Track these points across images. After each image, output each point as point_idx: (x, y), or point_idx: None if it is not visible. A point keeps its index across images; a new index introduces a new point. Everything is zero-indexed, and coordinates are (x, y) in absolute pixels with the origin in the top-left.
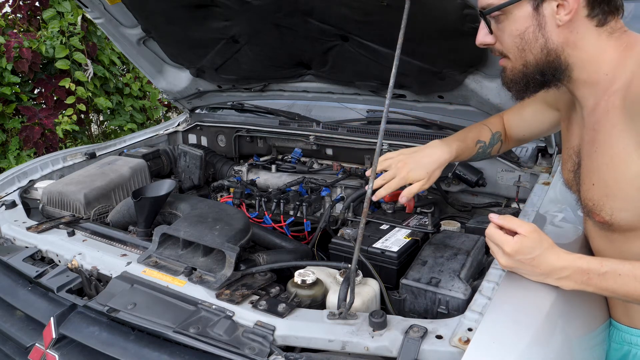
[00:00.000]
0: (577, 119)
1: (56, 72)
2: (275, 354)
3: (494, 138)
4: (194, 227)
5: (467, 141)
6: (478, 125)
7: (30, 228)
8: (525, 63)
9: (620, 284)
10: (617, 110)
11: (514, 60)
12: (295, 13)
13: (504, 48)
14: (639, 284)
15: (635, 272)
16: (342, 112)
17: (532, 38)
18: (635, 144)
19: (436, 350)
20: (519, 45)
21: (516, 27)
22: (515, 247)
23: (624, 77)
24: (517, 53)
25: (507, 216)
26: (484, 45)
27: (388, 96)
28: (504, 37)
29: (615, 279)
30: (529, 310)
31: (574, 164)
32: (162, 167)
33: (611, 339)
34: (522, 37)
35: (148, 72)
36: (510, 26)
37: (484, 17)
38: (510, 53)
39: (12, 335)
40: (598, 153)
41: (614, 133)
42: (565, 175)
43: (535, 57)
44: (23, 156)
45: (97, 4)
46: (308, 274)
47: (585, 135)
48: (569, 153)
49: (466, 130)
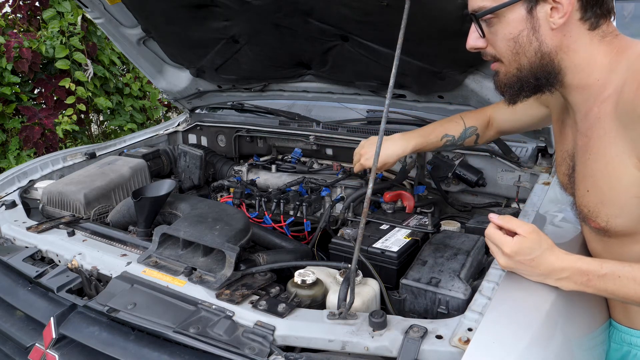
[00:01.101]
0: (570, 122)
1: (56, 72)
2: (275, 354)
3: (465, 132)
4: (194, 227)
5: (430, 136)
6: (453, 119)
7: (30, 228)
8: (519, 67)
9: (619, 286)
10: (609, 117)
11: (507, 64)
12: (295, 13)
13: (496, 52)
14: (638, 286)
15: (635, 275)
16: (342, 112)
17: (526, 41)
18: (629, 152)
19: (436, 350)
20: (512, 49)
21: (510, 31)
22: (514, 247)
23: (615, 82)
24: (510, 57)
25: (507, 216)
26: (475, 49)
27: (388, 96)
28: (497, 41)
29: (615, 280)
30: (529, 310)
31: (569, 167)
32: (162, 167)
33: (611, 339)
34: (515, 40)
35: (148, 72)
36: (503, 30)
37: (476, 20)
38: (503, 57)
39: (12, 335)
40: (591, 160)
41: (606, 140)
42: (561, 178)
43: (529, 61)
44: (23, 156)
45: (97, 4)
46: (308, 274)
47: (578, 140)
48: (563, 156)
49: (437, 124)
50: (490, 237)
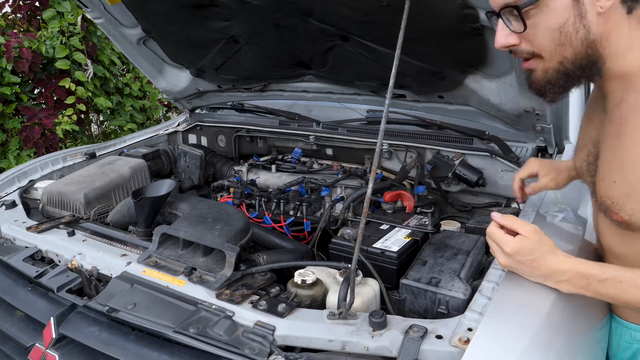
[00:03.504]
0: (599, 109)
1: (56, 72)
2: (275, 354)
3: None
4: (194, 227)
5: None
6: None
7: (30, 228)
8: (562, 60)
9: (620, 291)
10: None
11: (548, 58)
12: (295, 13)
13: (534, 47)
14: (638, 292)
15: (637, 281)
16: (342, 112)
17: (572, 30)
18: None
19: (436, 350)
20: (557, 40)
21: (555, 20)
22: (515, 247)
23: None
24: (553, 49)
25: (510, 216)
26: (507, 47)
27: (388, 96)
28: (538, 34)
29: (616, 286)
30: (529, 310)
31: (590, 154)
32: (162, 167)
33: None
34: (561, 30)
35: (148, 72)
36: (546, 20)
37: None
38: (544, 51)
39: (12, 335)
40: (622, 149)
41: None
42: (578, 163)
43: (574, 52)
44: (23, 156)
45: (97, 4)
46: (308, 274)
47: (607, 127)
48: (585, 141)
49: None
50: (492, 235)
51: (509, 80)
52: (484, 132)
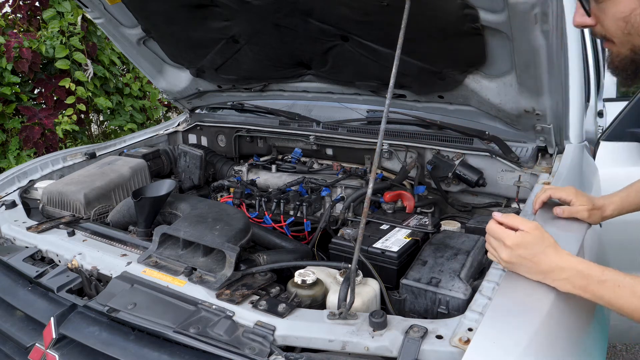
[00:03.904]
0: None
1: (56, 72)
2: (276, 354)
3: None
4: (194, 227)
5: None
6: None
7: (30, 228)
8: (632, 48)
9: (617, 296)
10: None
11: (618, 44)
12: (295, 13)
13: (606, 31)
14: (635, 299)
15: (635, 288)
16: (342, 112)
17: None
18: None
19: (436, 351)
20: (624, 29)
21: (620, 10)
22: (516, 240)
23: None
24: (622, 37)
25: (510, 214)
26: (583, 26)
27: (388, 96)
28: (606, 20)
29: (614, 289)
30: (529, 311)
31: None
32: (162, 167)
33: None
34: (627, 20)
35: (148, 72)
36: (613, 8)
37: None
38: (614, 37)
39: (12, 335)
40: None
41: None
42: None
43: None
44: (23, 156)
45: (97, 4)
46: (308, 274)
47: None
48: None
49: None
50: (492, 231)
51: (509, 80)
52: (484, 132)
